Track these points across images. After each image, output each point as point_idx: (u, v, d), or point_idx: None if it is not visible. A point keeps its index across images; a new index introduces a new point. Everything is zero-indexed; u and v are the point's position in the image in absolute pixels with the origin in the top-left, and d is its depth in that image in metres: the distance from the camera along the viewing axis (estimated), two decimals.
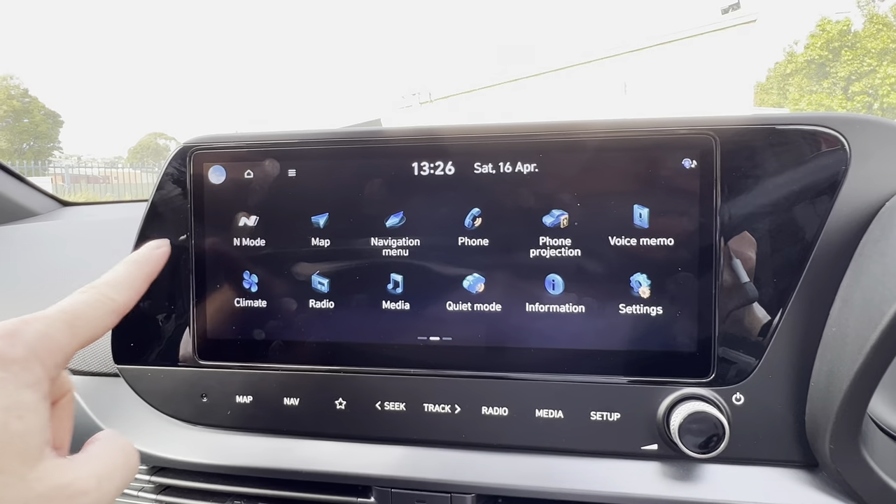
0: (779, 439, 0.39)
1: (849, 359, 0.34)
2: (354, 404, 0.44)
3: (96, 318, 0.32)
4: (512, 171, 0.41)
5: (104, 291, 0.33)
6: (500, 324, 0.42)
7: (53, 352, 0.28)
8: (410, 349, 0.43)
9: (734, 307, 0.39)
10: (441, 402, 0.43)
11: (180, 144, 0.46)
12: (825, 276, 0.38)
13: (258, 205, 0.44)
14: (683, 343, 0.40)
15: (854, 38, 20.26)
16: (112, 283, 0.34)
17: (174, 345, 0.46)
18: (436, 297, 0.42)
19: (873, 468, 0.35)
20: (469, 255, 0.42)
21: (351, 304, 0.43)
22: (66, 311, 0.30)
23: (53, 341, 0.28)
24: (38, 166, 14.11)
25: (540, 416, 0.41)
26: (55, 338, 0.28)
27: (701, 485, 0.39)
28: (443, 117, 11.37)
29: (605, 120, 0.40)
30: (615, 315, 0.40)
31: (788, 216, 0.38)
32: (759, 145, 0.38)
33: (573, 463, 0.42)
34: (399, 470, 0.43)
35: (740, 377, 0.39)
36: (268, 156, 0.44)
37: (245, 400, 0.45)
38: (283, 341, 0.44)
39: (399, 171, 0.42)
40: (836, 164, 0.38)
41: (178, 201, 0.46)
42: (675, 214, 0.39)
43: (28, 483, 0.23)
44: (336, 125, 2.03)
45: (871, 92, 19.31)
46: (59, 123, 29.08)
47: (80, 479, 0.26)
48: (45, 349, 0.27)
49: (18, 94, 27.32)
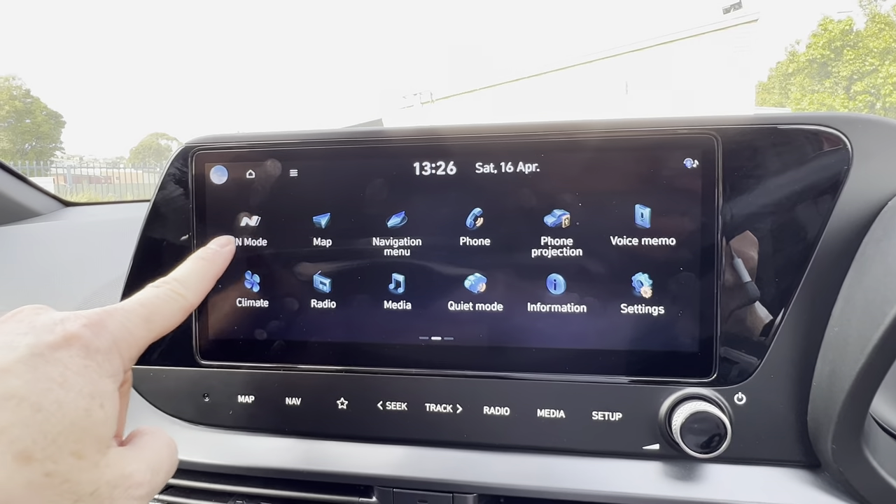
0: (781, 439, 0.39)
1: (851, 359, 0.34)
2: (356, 404, 0.44)
3: (170, 314, 0.32)
4: (513, 170, 0.41)
5: (176, 288, 0.34)
6: (502, 323, 0.42)
7: (131, 345, 0.29)
8: (412, 349, 0.43)
9: (736, 307, 0.39)
10: (443, 401, 0.43)
11: (182, 145, 0.46)
12: (827, 275, 0.38)
13: (260, 205, 0.44)
14: (685, 343, 0.40)
15: (856, 38, 20.22)
16: (183, 281, 0.35)
17: (176, 345, 0.46)
18: (437, 296, 0.42)
19: (876, 468, 0.35)
20: (470, 255, 0.42)
21: (353, 304, 0.43)
22: (144, 305, 0.31)
23: (132, 335, 0.29)
24: (40, 166, 14.15)
25: (542, 415, 0.41)
26: (133, 331, 0.29)
27: (703, 485, 0.39)
28: (444, 117, 11.37)
29: (607, 120, 0.40)
30: (617, 315, 0.40)
31: (790, 216, 0.38)
32: (760, 145, 0.38)
33: (575, 463, 0.42)
34: (401, 470, 0.43)
35: (742, 377, 0.39)
36: (269, 156, 0.44)
37: (247, 400, 0.45)
38: (285, 341, 0.44)
39: (401, 171, 0.42)
40: (838, 164, 0.38)
41: (180, 201, 0.46)
42: (676, 214, 0.39)
43: (100, 469, 0.24)
44: (337, 125, 2.02)
45: (873, 91, 19.27)
46: (61, 124, 29.15)
47: (139, 470, 0.27)
48: (125, 342, 0.28)
49: (21, 94, 27.39)
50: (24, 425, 0.22)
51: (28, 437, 0.22)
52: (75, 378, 0.25)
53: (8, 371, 0.23)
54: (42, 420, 0.23)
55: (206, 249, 0.40)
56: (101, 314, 0.28)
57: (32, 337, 0.25)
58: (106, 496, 0.24)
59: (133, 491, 0.26)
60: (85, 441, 0.24)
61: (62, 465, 0.23)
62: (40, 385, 0.23)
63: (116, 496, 0.25)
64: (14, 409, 0.22)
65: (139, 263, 0.47)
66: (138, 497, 0.26)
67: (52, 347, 0.25)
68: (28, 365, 0.24)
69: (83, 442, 0.24)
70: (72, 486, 0.23)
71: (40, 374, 0.24)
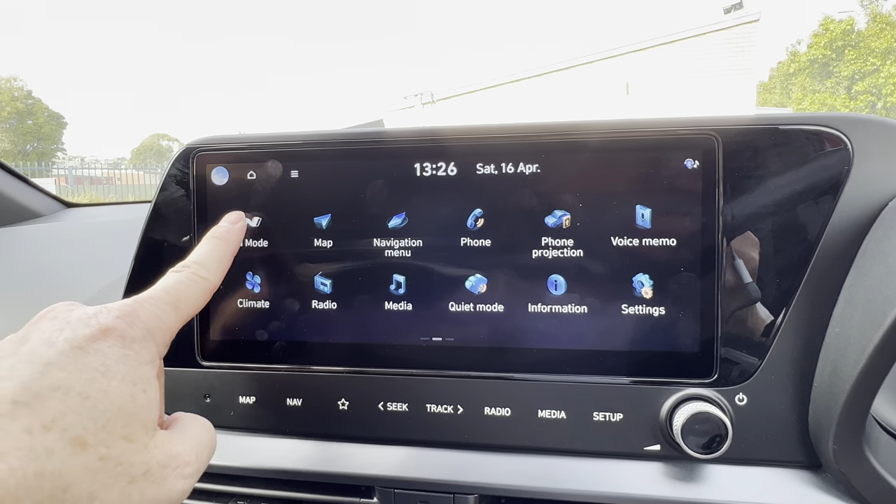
0: (782, 440, 0.39)
1: (852, 359, 0.34)
2: (357, 405, 0.44)
3: (194, 297, 0.33)
4: (514, 171, 0.41)
5: (198, 271, 0.34)
6: (503, 324, 0.42)
7: (164, 332, 0.30)
8: (413, 350, 0.43)
9: (737, 307, 0.39)
10: (443, 402, 0.43)
11: (183, 146, 0.46)
12: (828, 276, 0.38)
13: (261, 206, 0.44)
14: (686, 343, 0.40)
15: (857, 38, 20.20)
16: (202, 262, 0.35)
17: (177, 346, 0.46)
18: (438, 297, 0.42)
19: (877, 469, 0.35)
20: (471, 256, 0.42)
21: (353, 305, 0.43)
22: (170, 292, 0.32)
23: (163, 322, 0.30)
24: (42, 167, 14.18)
25: (542, 416, 0.41)
26: (164, 318, 0.30)
27: (703, 485, 0.39)
28: (445, 118, 11.36)
29: (607, 120, 0.40)
30: (617, 315, 0.40)
31: (791, 216, 0.38)
32: (761, 145, 0.38)
33: (576, 463, 0.42)
34: (402, 470, 0.43)
35: (743, 377, 0.39)
36: (270, 157, 0.44)
37: (248, 400, 0.45)
38: (286, 342, 0.44)
39: (401, 172, 0.42)
40: (838, 165, 0.38)
41: (181, 202, 0.46)
42: (677, 215, 0.39)
43: (150, 451, 0.26)
44: (338, 126, 2.02)
45: (874, 91, 19.24)
46: (63, 125, 29.20)
47: (185, 451, 0.28)
48: (158, 329, 0.29)
49: (22, 95, 27.44)
50: (76, 413, 0.23)
51: (80, 424, 0.23)
52: (116, 366, 0.26)
53: (51, 364, 0.24)
54: (91, 407, 0.24)
55: (218, 228, 0.40)
56: (133, 305, 0.29)
57: (70, 331, 0.26)
58: (157, 476, 0.26)
59: (182, 470, 0.27)
60: (133, 425, 0.25)
61: (114, 448, 0.24)
62: (84, 375, 0.24)
63: (167, 475, 0.26)
64: (63, 398, 0.23)
65: (140, 264, 0.47)
66: (187, 475, 0.27)
67: (91, 339, 0.26)
68: (70, 357, 0.25)
69: (131, 426, 0.25)
70: (125, 467, 0.24)
71: (82, 364, 0.25)
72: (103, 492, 0.23)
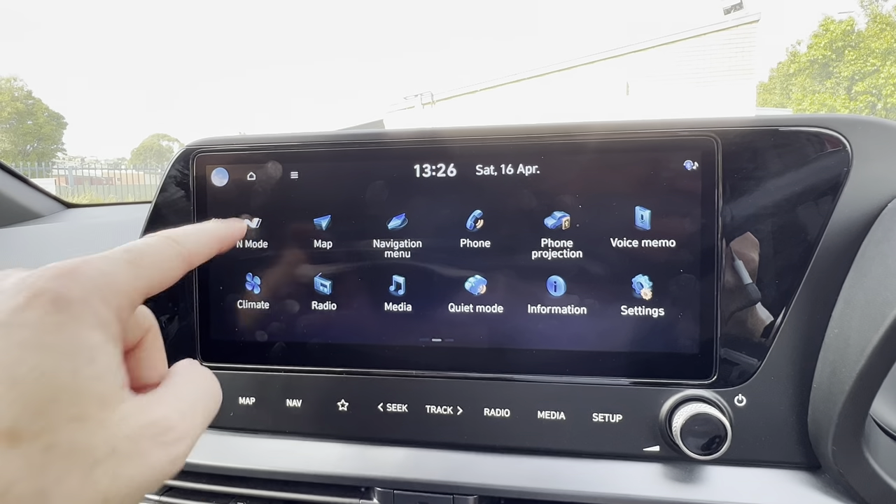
0: (781, 441, 0.39)
1: (851, 360, 0.34)
2: (357, 406, 0.44)
3: (161, 260, 0.29)
4: (514, 172, 0.41)
5: (169, 235, 0.31)
6: (502, 325, 0.42)
7: (116, 291, 0.25)
8: (412, 351, 0.43)
9: (736, 309, 0.39)
10: (443, 403, 0.43)
11: (183, 147, 0.46)
12: (827, 277, 0.38)
13: (261, 207, 0.44)
14: (685, 345, 0.40)
15: (857, 38, 20.20)
16: (178, 232, 0.31)
17: (177, 346, 0.46)
18: (438, 298, 0.42)
19: (876, 470, 0.35)
20: (471, 257, 0.42)
21: (353, 306, 0.43)
22: (130, 250, 0.28)
23: (115, 279, 0.26)
24: (42, 168, 14.18)
25: (542, 417, 0.41)
26: (115, 275, 0.26)
27: (703, 486, 0.39)
28: (445, 119, 11.37)
29: (607, 121, 0.40)
30: (617, 317, 0.40)
31: (790, 218, 0.38)
32: (760, 147, 0.39)
33: (575, 464, 0.42)
34: (401, 471, 0.43)
35: (742, 379, 0.39)
36: (270, 158, 0.44)
37: (248, 401, 0.45)
38: (286, 343, 0.44)
39: (401, 173, 0.42)
40: (837, 166, 0.38)
41: (181, 203, 0.46)
42: (677, 216, 0.39)
43: (114, 426, 0.22)
44: (338, 127, 2.01)
45: (874, 92, 19.24)
46: (63, 125, 29.20)
47: (164, 416, 0.24)
48: (107, 287, 0.25)
49: (22, 95, 27.45)
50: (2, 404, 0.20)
51: (8, 417, 0.20)
52: (49, 338, 0.22)
53: None
54: (21, 394, 0.20)
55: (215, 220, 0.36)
56: (76, 262, 0.25)
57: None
58: (129, 451, 0.22)
59: (163, 437, 0.23)
60: (83, 402, 0.21)
61: (62, 434, 0.21)
62: (10, 357, 0.21)
63: (144, 448, 0.23)
64: None
65: None
66: (171, 441, 0.24)
67: (17, 310, 0.22)
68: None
69: (81, 403, 0.21)
70: (83, 452, 0.21)
71: (8, 344, 0.21)
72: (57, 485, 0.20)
